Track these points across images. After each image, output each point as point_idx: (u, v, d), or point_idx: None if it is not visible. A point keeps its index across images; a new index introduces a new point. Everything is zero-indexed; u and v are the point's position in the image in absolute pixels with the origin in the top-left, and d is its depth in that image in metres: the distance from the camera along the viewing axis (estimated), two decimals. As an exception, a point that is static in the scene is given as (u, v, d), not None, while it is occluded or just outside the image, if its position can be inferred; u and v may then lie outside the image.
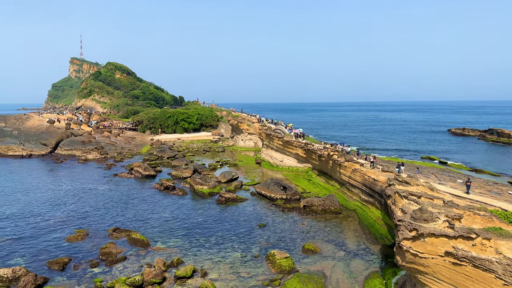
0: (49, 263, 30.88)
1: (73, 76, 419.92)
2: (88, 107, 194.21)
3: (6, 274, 27.94)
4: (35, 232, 38.63)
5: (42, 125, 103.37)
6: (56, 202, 50.10)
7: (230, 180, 62.23)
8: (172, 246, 35.32)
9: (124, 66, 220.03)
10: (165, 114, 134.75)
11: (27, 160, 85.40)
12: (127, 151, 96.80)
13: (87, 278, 28.71)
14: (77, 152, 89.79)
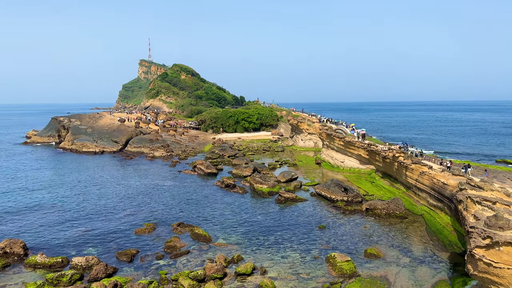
0: (118, 254, 32.77)
1: (142, 77, 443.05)
2: (156, 107, 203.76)
3: (81, 263, 30.07)
4: (106, 224, 41.22)
5: (114, 124, 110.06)
6: (125, 196, 53.09)
7: (290, 180, 62.06)
8: (233, 243, 35.94)
9: (189, 67, 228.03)
10: (226, 113, 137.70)
11: (100, 156, 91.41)
12: (190, 149, 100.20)
13: (153, 270, 30.08)
14: (145, 150, 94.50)
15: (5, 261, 30.83)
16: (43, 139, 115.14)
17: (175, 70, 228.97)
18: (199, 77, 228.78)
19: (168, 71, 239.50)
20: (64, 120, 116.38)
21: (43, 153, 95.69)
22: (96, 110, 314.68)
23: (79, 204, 48.83)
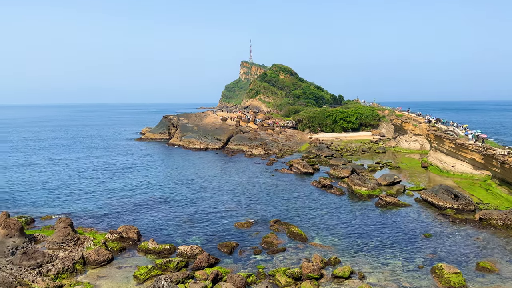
0: (219, 245, 34.35)
1: (242, 78, 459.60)
2: (255, 107, 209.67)
3: (186, 251, 32.13)
4: (209, 216, 43.50)
5: (217, 122, 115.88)
6: (226, 191, 55.48)
7: (391, 183, 58.90)
8: (329, 244, 35.28)
9: (287, 67, 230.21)
10: (324, 113, 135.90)
11: (204, 152, 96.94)
12: (287, 148, 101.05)
13: (251, 264, 30.91)
14: (245, 147, 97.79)
15: (122, 245, 34.24)
16: (155, 136, 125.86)
17: (274, 70, 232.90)
18: (297, 76, 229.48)
19: (268, 71, 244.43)
20: (173, 119, 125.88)
21: (155, 148, 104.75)
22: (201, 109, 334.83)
23: (185, 196, 52.33)
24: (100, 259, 30.26)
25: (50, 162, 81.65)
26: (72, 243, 32.32)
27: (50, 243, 32.13)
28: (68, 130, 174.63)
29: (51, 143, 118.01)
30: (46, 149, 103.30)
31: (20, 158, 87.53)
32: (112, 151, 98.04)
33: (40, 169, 73.26)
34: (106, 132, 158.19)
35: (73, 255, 30.40)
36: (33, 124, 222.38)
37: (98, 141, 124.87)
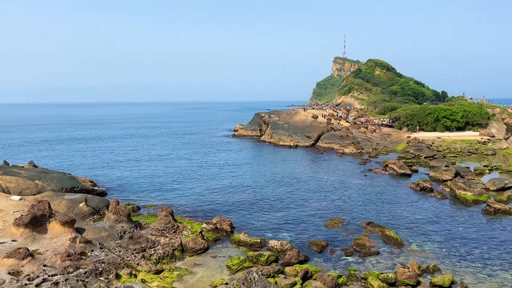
0: (309, 243, 34.17)
1: (335, 74, 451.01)
2: (347, 104, 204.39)
3: (276, 246, 32.55)
4: (299, 214, 43.52)
5: (307, 120, 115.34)
6: (316, 189, 54.98)
7: (502, 188, 53.05)
8: (428, 251, 32.99)
9: (384, 62, 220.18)
10: (424, 110, 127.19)
11: (294, 150, 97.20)
12: (382, 147, 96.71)
13: (342, 265, 30.23)
14: (336, 146, 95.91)
15: (216, 235, 35.88)
16: (247, 132, 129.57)
17: (369, 65, 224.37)
18: (395, 71, 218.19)
19: (362, 67, 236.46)
20: (265, 116, 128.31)
21: (247, 145, 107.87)
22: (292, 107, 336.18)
23: (275, 192, 53.03)
24: (197, 248, 32.06)
25: (153, 156, 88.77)
26: (172, 231, 34.74)
27: (153, 229, 34.93)
28: (169, 126, 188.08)
29: (154, 139, 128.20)
30: (150, 145, 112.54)
31: (129, 152, 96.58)
32: (208, 147, 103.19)
33: (145, 162, 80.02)
34: (202, 129, 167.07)
35: (173, 242, 32.64)
36: (137, 120, 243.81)
37: (195, 137, 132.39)
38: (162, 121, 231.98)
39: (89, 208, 38.18)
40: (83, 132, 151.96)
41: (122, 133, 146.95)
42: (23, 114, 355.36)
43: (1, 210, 33.78)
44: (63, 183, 48.53)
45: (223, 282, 26.34)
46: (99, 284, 23.65)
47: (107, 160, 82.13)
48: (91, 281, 23.84)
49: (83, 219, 36.32)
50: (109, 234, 33.04)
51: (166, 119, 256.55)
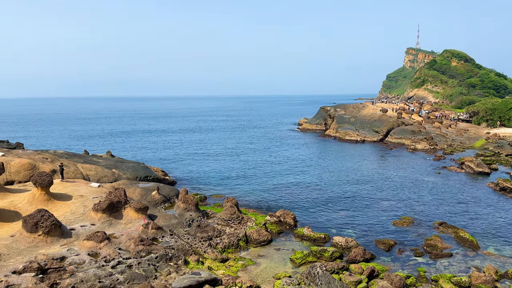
0: (376, 242, 33.08)
1: (407, 66, 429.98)
2: (420, 97, 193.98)
3: (340, 242, 31.94)
4: (365, 211, 42.27)
5: (375, 114, 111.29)
6: (383, 186, 53.01)
7: None
8: (507, 256, 30.45)
9: (462, 52, 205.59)
10: (506, 104, 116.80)
11: (360, 145, 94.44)
12: (458, 143, 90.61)
13: (411, 265, 28.90)
14: (406, 141, 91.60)
15: (280, 228, 36.03)
16: (312, 126, 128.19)
17: (445, 56, 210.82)
18: (474, 63, 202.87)
19: (437, 58, 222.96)
20: (330, 110, 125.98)
21: (311, 139, 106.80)
22: (359, 100, 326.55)
23: (341, 188, 51.97)
24: (261, 239, 32.46)
25: (220, 149, 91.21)
26: (237, 222, 35.50)
27: (219, 219, 35.94)
28: (234, 120, 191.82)
29: (221, 133, 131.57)
30: (216, 138, 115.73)
31: (197, 145, 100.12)
32: (272, 141, 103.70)
33: (212, 154, 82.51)
34: (266, 123, 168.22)
35: (238, 232, 33.34)
36: (204, 114, 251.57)
37: (259, 131, 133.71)
38: (227, 114, 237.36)
39: (160, 196, 40.21)
40: (155, 125, 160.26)
41: (191, 126, 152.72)
42: (100, 107, 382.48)
43: (82, 196, 36.72)
44: (137, 172, 51.58)
45: (286, 274, 26.41)
46: (169, 269, 24.85)
47: (177, 151, 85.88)
48: (162, 266, 25.12)
49: (155, 206, 38.34)
50: (178, 221, 34.56)
51: (232, 112, 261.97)
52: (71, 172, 45.33)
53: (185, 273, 24.45)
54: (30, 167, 44.40)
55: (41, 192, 33.98)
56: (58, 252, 25.63)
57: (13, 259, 24.31)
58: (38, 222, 27.38)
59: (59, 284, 21.55)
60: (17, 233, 27.78)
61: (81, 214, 32.69)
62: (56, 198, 34.72)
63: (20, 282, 21.19)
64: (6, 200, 34.18)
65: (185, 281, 22.40)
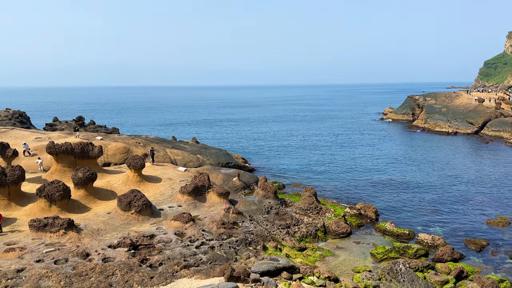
0: (466, 241, 30.73)
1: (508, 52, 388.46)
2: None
3: (426, 240, 30.18)
4: (454, 208, 39.37)
5: (470, 104, 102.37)
6: (476, 183, 48.84)
7: None
8: None
9: None
10: None
11: (452, 137, 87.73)
12: None
13: (505, 269, 26.40)
14: (506, 134, 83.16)
15: (360, 221, 35.07)
16: (398, 116, 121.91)
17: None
18: None
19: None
20: (419, 99, 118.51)
21: (396, 129, 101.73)
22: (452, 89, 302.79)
23: (427, 182, 48.93)
24: (339, 231, 31.90)
25: (299, 138, 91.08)
26: (315, 212, 35.26)
27: (297, 208, 35.99)
28: (314, 110, 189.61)
29: (300, 122, 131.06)
30: (296, 127, 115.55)
31: (276, 133, 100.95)
32: (353, 131, 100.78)
33: (291, 144, 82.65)
34: (348, 113, 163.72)
35: (316, 222, 33.13)
36: (283, 102, 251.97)
37: (340, 120, 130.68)
38: (307, 103, 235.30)
39: (241, 183, 41.37)
40: (236, 114, 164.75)
41: (271, 116, 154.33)
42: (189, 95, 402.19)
43: (170, 179, 39.11)
44: (220, 158, 53.56)
45: (366, 269, 25.69)
46: (248, 253, 25.56)
47: (257, 140, 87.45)
48: (242, 249, 25.92)
49: (236, 192, 39.55)
50: (257, 208, 35.30)
51: (311, 101, 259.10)
52: (160, 156, 48.47)
53: (263, 258, 24.96)
54: (125, 151, 48.33)
55: (134, 174, 36.85)
56: (148, 230, 27.68)
57: (109, 234, 26.77)
58: (131, 202, 29.77)
59: (148, 260, 23.29)
60: (113, 211, 30.51)
61: (169, 195, 34.88)
62: (147, 180, 37.43)
63: (115, 256, 23.29)
64: (103, 180, 37.67)
65: (264, 266, 22.85)
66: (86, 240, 25.20)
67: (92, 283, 20.37)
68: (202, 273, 22.41)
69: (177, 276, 21.93)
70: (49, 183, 30.72)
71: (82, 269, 21.43)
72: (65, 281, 20.21)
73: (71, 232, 25.71)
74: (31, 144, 47.79)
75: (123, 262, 22.53)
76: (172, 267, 22.64)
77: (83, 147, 39.04)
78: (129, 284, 20.66)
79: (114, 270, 21.57)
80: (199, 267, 23.12)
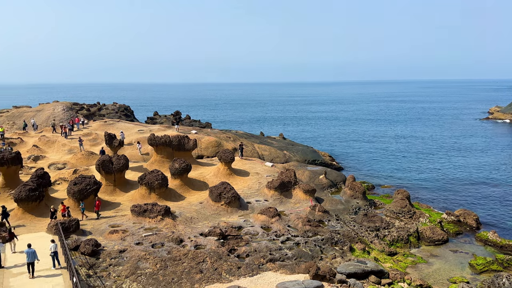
0: None
1: None
2: None
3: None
4: None
5: None
6: None
7: None
8: None
9: None
10: None
11: None
12: None
13: None
14: None
15: (458, 228, 32.41)
16: (506, 116, 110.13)
17: None
18: None
19: None
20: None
21: (504, 130, 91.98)
22: None
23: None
24: (435, 238, 29.79)
25: (391, 137, 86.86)
26: (408, 216, 33.34)
27: (388, 211, 34.36)
28: (409, 107, 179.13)
29: (393, 120, 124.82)
30: (388, 125, 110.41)
31: (366, 131, 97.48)
32: (454, 131, 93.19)
33: (382, 142, 79.20)
34: (448, 111, 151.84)
35: (408, 227, 31.33)
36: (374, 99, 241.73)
37: (440, 120, 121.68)
38: (401, 100, 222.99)
39: (327, 181, 40.72)
40: (324, 111, 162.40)
41: (361, 113, 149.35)
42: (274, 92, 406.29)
43: (257, 173, 39.92)
44: (306, 155, 53.30)
45: (463, 280, 23.67)
46: (334, 253, 25.08)
47: (345, 137, 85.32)
48: (327, 248, 25.53)
49: (322, 190, 39.03)
50: (344, 207, 34.46)
51: (405, 98, 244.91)
52: (248, 151, 49.73)
53: (350, 259, 24.31)
54: (216, 144, 50.48)
55: (224, 167, 38.31)
56: (236, 221, 28.59)
57: (201, 223, 28.20)
58: (221, 193, 31.00)
59: (236, 250, 24.06)
60: (204, 201, 32.09)
61: (256, 189, 35.65)
62: (236, 173, 38.68)
63: (206, 244, 24.46)
64: (197, 172, 39.75)
65: (351, 268, 22.25)
66: (180, 227, 26.86)
67: (184, 268, 21.64)
68: (287, 268, 22.53)
69: (263, 269, 22.34)
70: (149, 172, 33.32)
71: (176, 254, 22.88)
72: (161, 264, 21.75)
73: (167, 218, 27.60)
74: (134, 136, 52.19)
75: (213, 250, 23.57)
76: (258, 260, 23.11)
77: (180, 140, 41.60)
78: (218, 272, 21.56)
79: (204, 257, 22.68)
80: (284, 262, 23.28)
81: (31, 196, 28.83)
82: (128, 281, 20.27)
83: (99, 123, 60.59)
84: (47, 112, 67.80)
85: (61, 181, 37.17)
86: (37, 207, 29.20)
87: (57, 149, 48.75)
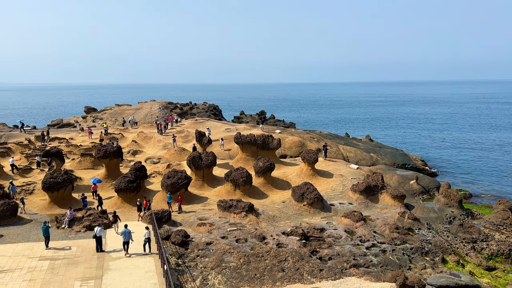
0: None
1: None
2: None
3: None
4: None
5: None
6: None
7: None
8: None
9: None
10: None
11: None
12: None
13: None
14: None
15: None
16: None
17: None
18: None
19: None
20: None
21: None
22: None
23: None
24: (543, 256, 26.40)
25: (493, 143, 79.12)
26: (510, 228, 30.04)
27: (487, 222, 31.30)
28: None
29: (495, 124, 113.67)
30: (489, 129, 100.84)
31: (465, 135, 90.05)
32: None
33: (483, 148, 72.56)
34: None
35: (510, 241, 28.21)
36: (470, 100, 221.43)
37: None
38: (506, 102, 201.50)
39: (419, 187, 38.30)
40: (417, 112, 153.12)
41: (458, 115, 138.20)
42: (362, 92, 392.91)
43: (342, 175, 38.95)
44: (395, 158, 50.72)
45: None
46: (424, 263, 23.50)
47: (441, 141, 79.63)
48: (417, 258, 24.01)
49: (412, 196, 36.82)
50: (437, 216, 32.11)
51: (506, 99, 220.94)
52: (333, 152, 48.80)
53: (442, 271, 22.60)
54: (300, 144, 50.35)
55: (307, 167, 38.06)
56: (319, 223, 28.22)
57: (283, 222, 28.33)
58: (304, 194, 30.83)
59: (318, 252, 23.73)
60: (287, 200, 32.19)
61: (340, 192, 34.84)
62: (319, 175, 38.20)
63: (288, 243, 24.51)
64: (280, 171, 40.03)
65: (442, 280, 20.69)
66: (263, 224, 27.28)
67: (266, 265, 21.91)
68: (372, 276, 21.64)
69: (346, 274, 21.74)
70: (235, 170, 34.36)
71: (259, 250, 23.27)
72: (244, 259, 22.28)
73: (251, 215, 28.20)
74: (222, 134, 54.23)
75: (295, 250, 23.54)
76: (341, 264, 22.55)
77: (264, 139, 42.28)
78: (299, 272, 21.47)
79: (286, 256, 22.74)
80: (369, 268, 22.40)
81: (130, 187, 31.45)
82: (214, 273, 21.09)
83: (191, 121, 64.10)
84: (145, 110, 73.57)
85: (156, 174, 40.02)
86: (134, 198, 31.74)
87: (153, 145, 52.64)
